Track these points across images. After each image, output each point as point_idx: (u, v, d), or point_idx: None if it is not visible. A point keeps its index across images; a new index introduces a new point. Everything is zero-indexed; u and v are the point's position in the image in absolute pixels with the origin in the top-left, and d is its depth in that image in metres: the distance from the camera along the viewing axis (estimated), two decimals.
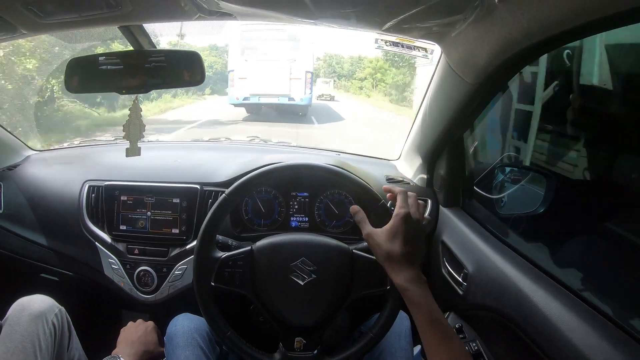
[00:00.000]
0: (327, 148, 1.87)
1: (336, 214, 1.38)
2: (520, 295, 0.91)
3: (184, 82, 1.00)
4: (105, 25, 0.97)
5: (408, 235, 0.79)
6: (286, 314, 0.96)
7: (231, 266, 0.95)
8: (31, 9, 0.80)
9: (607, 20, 0.58)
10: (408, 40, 1.01)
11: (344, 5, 0.72)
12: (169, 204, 1.33)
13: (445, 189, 1.33)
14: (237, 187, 0.96)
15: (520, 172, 1.28)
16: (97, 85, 1.02)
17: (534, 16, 0.65)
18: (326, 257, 0.96)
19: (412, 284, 0.77)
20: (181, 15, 0.85)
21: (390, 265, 0.80)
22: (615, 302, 0.83)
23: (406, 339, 1.10)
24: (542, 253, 1.08)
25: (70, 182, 1.42)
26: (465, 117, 1.09)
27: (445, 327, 0.74)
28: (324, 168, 0.99)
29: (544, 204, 1.14)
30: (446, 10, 0.73)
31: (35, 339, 1.01)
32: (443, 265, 1.25)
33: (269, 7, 0.76)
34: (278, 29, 10.77)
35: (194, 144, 1.94)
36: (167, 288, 1.33)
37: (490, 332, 1.09)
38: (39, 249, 1.44)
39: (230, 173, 1.36)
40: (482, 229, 1.18)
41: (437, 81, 1.10)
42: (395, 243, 0.79)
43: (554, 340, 0.79)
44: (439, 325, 0.74)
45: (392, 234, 0.80)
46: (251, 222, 1.38)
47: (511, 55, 0.79)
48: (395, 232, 0.80)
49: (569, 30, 0.64)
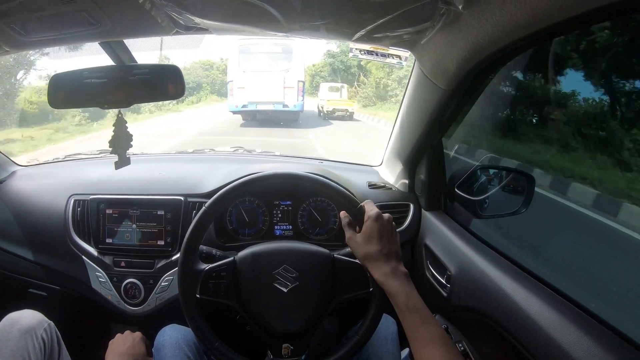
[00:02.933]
0: (310, 156, 1.88)
1: (319, 221, 1.39)
2: (502, 295, 0.93)
3: (167, 95, 1.01)
4: (86, 41, 0.98)
5: (381, 234, 0.88)
6: (272, 321, 0.96)
7: (215, 277, 0.96)
8: (13, 27, 0.82)
9: (564, 23, 0.61)
10: (382, 48, 1.04)
11: (314, 18, 0.74)
12: (154, 216, 1.33)
13: (427, 193, 1.35)
14: (216, 199, 0.97)
15: (500, 173, 1.31)
16: (81, 100, 1.02)
17: (497, 22, 0.68)
18: (307, 263, 0.97)
19: (388, 277, 0.85)
20: (159, 31, 0.87)
21: (369, 264, 0.88)
22: (595, 298, 0.85)
23: (393, 342, 1.11)
24: (522, 252, 1.10)
25: (56, 196, 1.42)
26: (441, 122, 1.11)
27: (422, 313, 0.80)
28: (301, 176, 1.01)
29: (525, 204, 1.17)
30: (414, 19, 0.75)
31: (25, 354, 1.01)
32: (427, 268, 1.27)
33: (242, 22, 0.78)
34: (273, 42, 11.81)
35: (178, 155, 1.94)
36: (154, 300, 1.33)
37: (476, 333, 1.11)
38: (27, 264, 1.44)
39: (213, 184, 1.37)
40: (464, 231, 1.20)
41: (412, 87, 1.12)
42: (371, 243, 0.87)
43: (536, 338, 0.81)
44: (415, 311, 0.81)
45: (367, 236, 0.88)
46: (235, 232, 1.39)
47: (480, 61, 0.81)
48: (370, 233, 0.88)
49: (532, 33, 0.67)
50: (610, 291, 1.50)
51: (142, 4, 0.73)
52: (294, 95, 12.25)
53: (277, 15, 0.72)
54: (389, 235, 0.89)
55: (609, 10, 0.55)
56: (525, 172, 1.24)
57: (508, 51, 0.77)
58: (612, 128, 2.34)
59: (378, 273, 0.86)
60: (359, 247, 0.89)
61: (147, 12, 0.77)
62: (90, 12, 0.78)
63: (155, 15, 0.79)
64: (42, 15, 0.79)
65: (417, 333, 0.78)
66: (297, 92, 12.23)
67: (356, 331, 0.97)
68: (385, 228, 0.89)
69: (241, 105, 12.15)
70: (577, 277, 1.56)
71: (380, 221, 0.88)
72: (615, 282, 1.59)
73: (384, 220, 0.89)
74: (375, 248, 0.87)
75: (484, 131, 3.35)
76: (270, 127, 11.99)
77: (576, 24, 0.64)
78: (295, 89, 12.21)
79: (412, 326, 0.79)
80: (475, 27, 0.72)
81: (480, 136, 3.41)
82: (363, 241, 0.88)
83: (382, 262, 0.86)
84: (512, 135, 3.39)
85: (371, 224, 0.88)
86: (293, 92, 12.21)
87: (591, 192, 2.69)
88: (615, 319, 0.77)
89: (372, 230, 0.88)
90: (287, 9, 0.72)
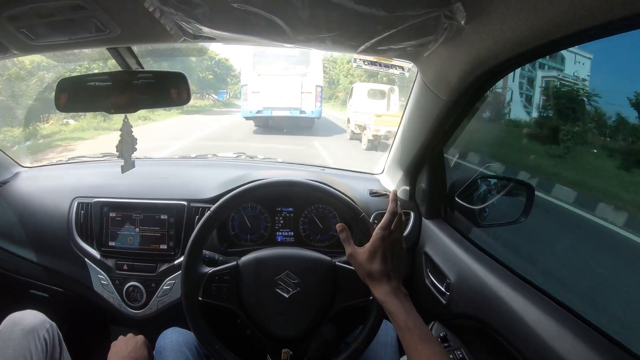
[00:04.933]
0: (312, 163, 1.89)
1: (321, 228, 1.40)
2: (500, 303, 0.94)
3: (172, 101, 1.03)
4: (94, 47, 0.99)
5: (386, 254, 0.85)
6: (273, 326, 0.97)
7: (218, 281, 0.97)
8: (23, 31, 0.82)
9: (562, 40, 0.63)
10: (385, 59, 1.05)
11: (320, 30, 0.75)
12: (157, 220, 1.34)
13: (427, 201, 1.36)
14: (221, 205, 0.99)
15: (501, 183, 1.32)
16: (87, 104, 1.05)
17: (498, 37, 0.70)
18: (309, 270, 0.98)
19: (389, 296, 0.82)
20: (167, 38, 0.88)
21: (371, 282, 0.86)
22: (592, 306, 0.86)
23: (392, 349, 1.12)
24: (521, 261, 1.11)
25: (59, 199, 1.43)
26: (442, 132, 1.13)
27: (422, 332, 0.79)
28: (305, 184, 1.02)
29: (525, 214, 1.18)
30: (418, 32, 0.77)
31: (27, 354, 1.02)
32: (426, 275, 1.27)
33: (249, 33, 0.79)
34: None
35: (181, 160, 1.95)
36: (155, 303, 1.34)
37: (474, 340, 1.11)
38: (29, 265, 1.45)
39: (216, 189, 1.38)
40: (464, 239, 1.21)
41: (415, 98, 1.14)
42: (374, 262, 0.85)
43: (534, 346, 0.82)
44: (415, 330, 0.79)
45: (372, 254, 0.86)
46: (238, 238, 1.40)
47: (481, 73, 0.83)
48: (375, 252, 0.85)
49: (531, 49, 0.69)
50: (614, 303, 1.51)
51: (152, 13, 0.74)
52: (311, 101, 11.57)
53: (284, 26, 0.73)
54: (397, 255, 0.87)
55: (606, 27, 0.57)
56: (525, 182, 1.26)
57: (508, 65, 0.78)
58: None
59: (379, 292, 0.84)
60: (360, 266, 0.87)
61: (156, 20, 0.78)
62: (100, 19, 0.78)
63: (164, 23, 0.79)
64: (53, 20, 0.79)
65: (416, 352, 0.78)
66: (315, 98, 11.58)
67: (355, 338, 0.98)
68: (393, 248, 0.86)
69: (255, 110, 11.51)
70: (575, 286, 1.58)
71: (388, 241, 0.86)
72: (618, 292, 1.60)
73: (392, 241, 0.87)
74: (378, 267, 0.84)
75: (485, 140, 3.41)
76: (285, 134, 11.45)
77: (574, 40, 0.66)
78: (313, 94, 11.53)
79: (411, 344, 0.78)
80: (477, 42, 0.74)
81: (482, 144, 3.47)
82: (366, 259, 0.86)
83: (384, 281, 0.84)
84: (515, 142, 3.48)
85: (379, 243, 0.85)
86: (311, 98, 11.54)
87: (572, 192, 2.77)
88: (614, 329, 0.78)
89: (377, 249, 0.85)
90: (294, 21, 0.73)
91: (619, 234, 2.30)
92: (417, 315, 0.81)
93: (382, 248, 0.85)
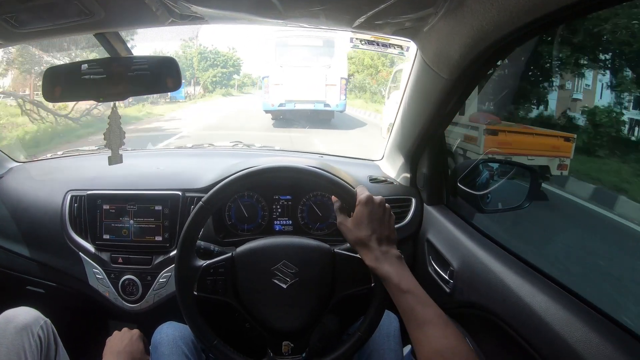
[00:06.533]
0: (311, 151, 1.87)
1: (320, 216, 1.37)
2: (506, 291, 0.91)
3: (165, 87, 0.99)
4: (80, 33, 0.97)
5: (372, 218, 0.85)
6: (272, 318, 0.95)
7: (213, 274, 0.94)
8: (5, 18, 0.80)
9: (574, 7, 0.59)
10: (383, 38, 1.02)
11: (312, 3, 0.72)
12: (152, 212, 1.32)
13: (429, 187, 1.33)
14: (212, 194, 0.95)
15: (504, 167, 1.29)
16: (78, 93, 1.01)
17: (503, 5, 0.65)
18: (307, 258, 0.95)
19: (379, 260, 0.82)
20: (154, 21, 0.86)
21: (360, 249, 0.86)
22: (601, 294, 0.84)
23: (395, 339, 1.10)
24: (527, 247, 1.08)
25: (52, 192, 1.41)
26: (444, 113, 1.09)
27: (417, 294, 0.78)
28: (295, 168, 0.98)
29: (529, 199, 1.15)
30: (417, 5, 0.73)
31: (21, 352, 1.00)
32: (429, 263, 1.25)
33: (239, 9, 0.76)
34: (312, 35, 10.76)
35: (176, 151, 1.94)
36: (152, 296, 1.32)
37: (479, 329, 1.09)
38: (24, 261, 1.43)
39: (211, 178, 1.36)
40: (467, 226, 1.18)
41: (414, 78, 1.10)
42: (361, 228, 0.85)
43: (541, 335, 0.80)
44: (410, 293, 0.78)
45: (358, 220, 0.86)
46: (234, 227, 1.37)
47: (484, 48, 0.79)
48: (360, 217, 0.86)
49: (539, 18, 0.64)
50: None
51: None
52: (336, 94, 11.05)
53: (274, 1, 0.70)
54: (380, 218, 0.86)
55: None
56: (529, 165, 1.23)
57: (514, 37, 0.74)
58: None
59: (369, 258, 0.84)
60: (348, 231, 0.87)
61: (141, 0, 0.75)
62: (83, 2, 0.76)
63: (149, 3, 0.77)
64: (35, 5, 0.77)
65: (412, 315, 0.76)
66: (339, 90, 11.18)
67: (358, 328, 0.96)
68: (377, 212, 0.86)
69: (278, 104, 10.94)
70: (583, 273, 1.53)
71: (370, 205, 0.86)
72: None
73: (375, 204, 0.86)
74: (365, 232, 0.84)
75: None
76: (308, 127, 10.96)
77: (588, 8, 0.62)
78: (337, 86, 11.00)
79: (407, 308, 0.77)
80: (480, 12, 0.70)
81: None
82: (353, 226, 0.86)
83: (373, 247, 0.84)
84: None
85: (361, 209, 0.86)
86: (335, 90, 11.01)
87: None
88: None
89: (362, 214, 0.85)
90: None
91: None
92: (411, 278, 0.81)
93: (366, 212, 0.85)
